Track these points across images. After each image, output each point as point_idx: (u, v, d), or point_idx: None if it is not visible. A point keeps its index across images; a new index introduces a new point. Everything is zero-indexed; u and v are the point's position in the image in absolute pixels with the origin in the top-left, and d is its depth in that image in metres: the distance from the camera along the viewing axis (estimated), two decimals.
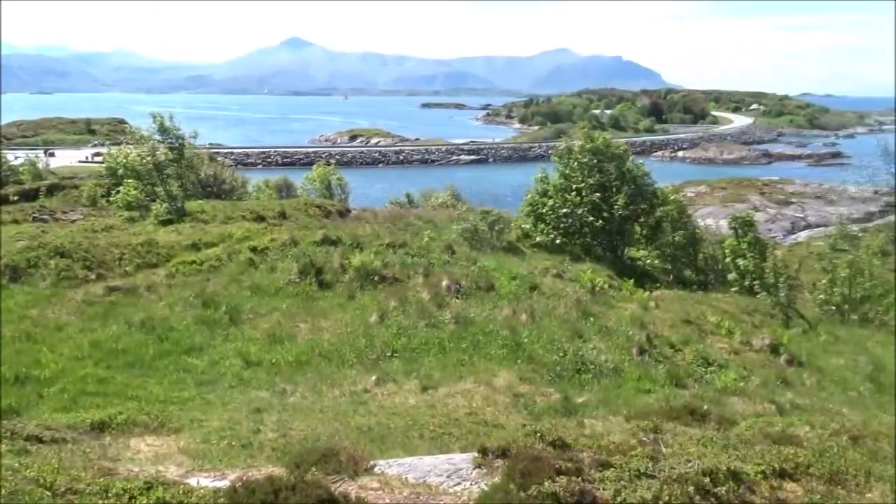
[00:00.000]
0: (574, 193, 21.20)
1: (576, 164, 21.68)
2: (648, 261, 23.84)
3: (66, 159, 56.91)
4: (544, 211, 21.40)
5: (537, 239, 21.46)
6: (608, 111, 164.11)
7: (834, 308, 21.12)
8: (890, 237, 41.42)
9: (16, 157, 36.95)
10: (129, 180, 20.34)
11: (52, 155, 57.21)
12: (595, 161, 21.45)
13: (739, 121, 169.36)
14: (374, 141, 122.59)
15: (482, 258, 17.11)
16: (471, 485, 4.84)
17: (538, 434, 6.24)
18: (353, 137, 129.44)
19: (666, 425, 7.00)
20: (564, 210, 21.04)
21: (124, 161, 20.86)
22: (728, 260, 21.68)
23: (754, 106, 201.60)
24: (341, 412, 8.41)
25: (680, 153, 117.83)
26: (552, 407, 9.24)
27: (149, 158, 20.10)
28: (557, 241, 21.16)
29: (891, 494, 4.31)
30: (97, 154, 54.74)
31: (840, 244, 30.55)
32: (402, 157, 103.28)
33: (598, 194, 21.00)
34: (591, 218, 20.78)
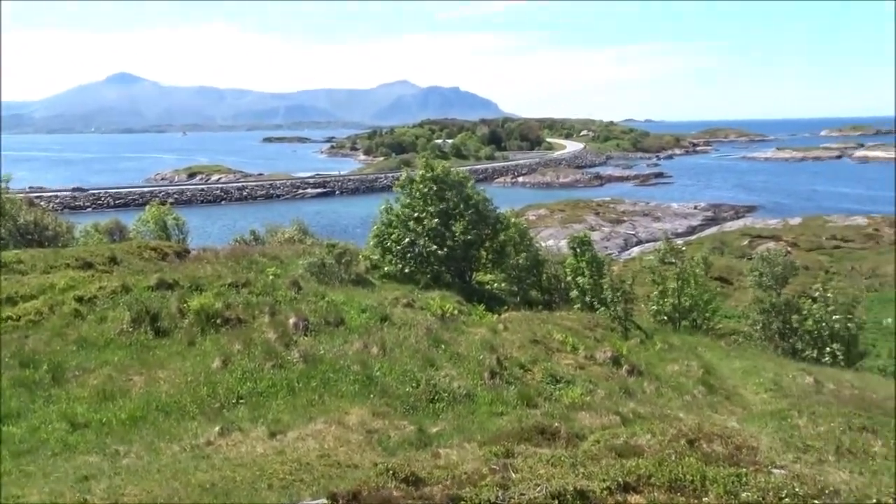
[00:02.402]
0: (415, 223, 21.36)
1: (417, 193, 21.88)
2: (496, 284, 24.41)
3: None
4: (390, 241, 21.39)
5: (386, 269, 21.40)
6: (450, 140, 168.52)
7: (666, 317, 22.55)
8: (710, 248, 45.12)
9: None
10: None
11: None
12: (436, 189, 21.75)
13: (572, 146, 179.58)
14: (214, 178, 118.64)
15: (331, 292, 16.74)
16: None
17: (391, 472, 6.07)
18: (191, 175, 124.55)
19: (518, 448, 7.05)
20: (408, 239, 21.12)
21: None
22: (569, 279, 22.62)
23: (584, 132, 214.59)
24: (181, 469, 7.80)
25: (520, 178, 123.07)
26: (407, 440, 9.07)
27: None
28: (406, 271, 21.18)
29: (724, 496, 4.52)
30: None
31: (668, 257, 32.90)
32: (245, 194, 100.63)
33: (436, 220, 21.24)
34: (435, 246, 20.98)
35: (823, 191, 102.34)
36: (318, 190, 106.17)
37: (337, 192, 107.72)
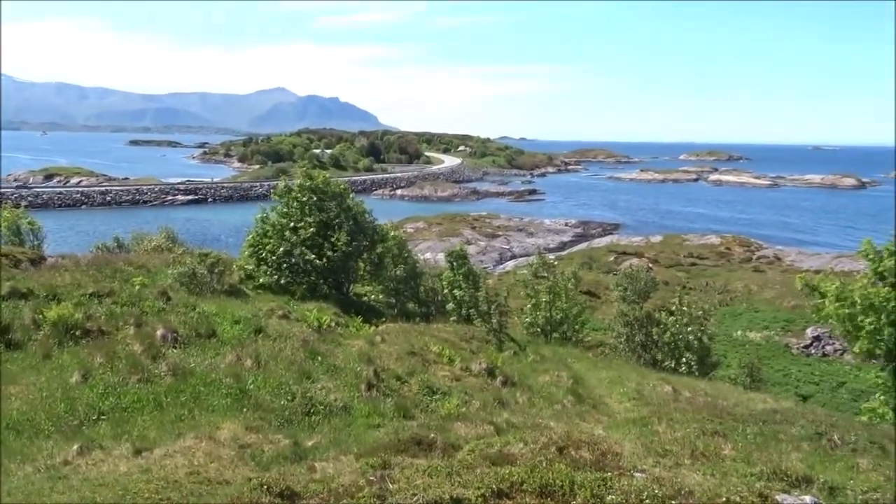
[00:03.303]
0: (292, 232, 20.99)
1: (296, 203, 21.54)
2: (373, 296, 24.38)
3: None
4: (265, 252, 20.90)
5: (261, 280, 20.88)
6: (328, 150, 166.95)
7: (538, 329, 23.32)
8: (580, 263, 47.00)
9: None
10: None
11: None
12: (315, 199, 21.49)
13: (450, 161, 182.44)
14: (74, 180, 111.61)
15: (202, 303, 16.16)
16: None
17: (265, 486, 5.96)
18: (49, 176, 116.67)
19: (395, 459, 7.08)
20: (284, 249, 20.72)
21: None
22: (446, 291, 22.96)
23: (462, 147, 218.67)
24: (35, 492, 7.27)
25: (399, 191, 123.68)
26: (281, 454, 8.89)
27: None
28: (282, 282, 20.75)
29: (591, 499, 4.76)
30: None
31: (540, 271, 34.01)
32: (109, 199, 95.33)
33: (312, 230, 21.00)
34: (313, 256, 20.70)
35: (682, 211, 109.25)
36: (189, 197, 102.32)
37: (209, 200, 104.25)
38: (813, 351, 34.76)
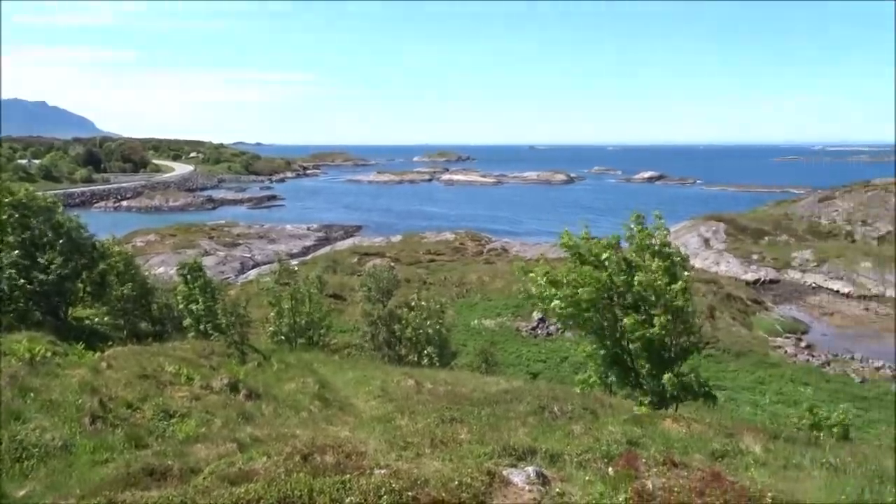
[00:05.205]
0: None
1: None
2: (97, 319, 22.31)
3: None
4: None
5: None
6: (36, 161, 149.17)
7: (283, 337, 22.94)
8: (323, 267, 47.07)
9: None
10: None
11: None
12: (18, 216, 19.10)
13: (181, 168, 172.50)
14: None
15: None
16: None
17: None
18: None
19: (122, 495, 6.52)
20: None
21: None
22: (182, 307, 21.71)
23: (193, 154, 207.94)
24: None
25: (124, 202, 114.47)
26: None
27: None
28: None
29: (330, 503, 4.76)
30: None
31: (284, 278, 33.50)
32: None
33: (17, 252, 18.68)
34: (22, 281, 18.39)
35: (419, 210, 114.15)
36: None
37: None
38: (539, 332, 38.30)
